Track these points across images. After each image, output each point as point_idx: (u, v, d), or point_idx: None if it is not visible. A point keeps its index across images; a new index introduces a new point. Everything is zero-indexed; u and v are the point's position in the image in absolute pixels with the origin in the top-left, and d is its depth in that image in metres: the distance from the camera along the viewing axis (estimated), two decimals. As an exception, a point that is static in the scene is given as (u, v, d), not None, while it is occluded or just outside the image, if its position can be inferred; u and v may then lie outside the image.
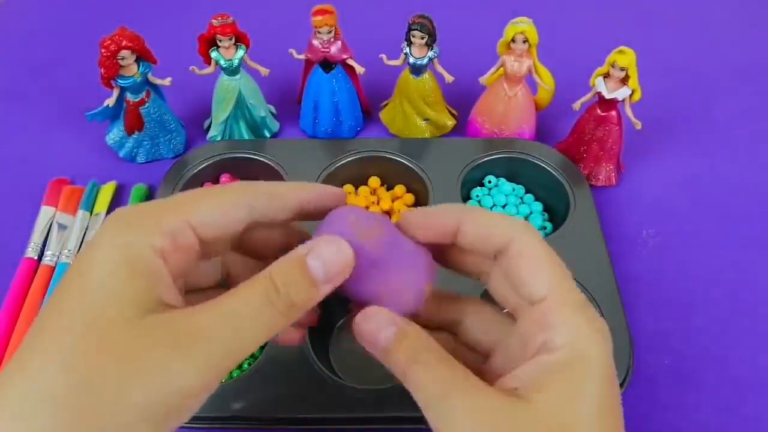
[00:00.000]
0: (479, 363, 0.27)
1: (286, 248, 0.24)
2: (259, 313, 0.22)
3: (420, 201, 0.52)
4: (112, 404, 0.19)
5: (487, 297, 0.28)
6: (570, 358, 0.22)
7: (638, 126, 0.51)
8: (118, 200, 0.53)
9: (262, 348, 0.41)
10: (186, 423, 0.22)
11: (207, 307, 0.22)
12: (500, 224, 0.25)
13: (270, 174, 0.52)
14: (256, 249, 0.28)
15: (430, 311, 0.28)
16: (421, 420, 0.23)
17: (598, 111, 0.51)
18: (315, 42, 0.53)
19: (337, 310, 0.45)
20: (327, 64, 0.54)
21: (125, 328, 0.20)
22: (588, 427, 0.21)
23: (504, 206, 0.52)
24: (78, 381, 0.19)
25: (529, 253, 0.24)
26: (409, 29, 0.51)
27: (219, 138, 0.56)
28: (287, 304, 0.22)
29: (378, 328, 0.24)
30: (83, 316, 0.20)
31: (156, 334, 0.20)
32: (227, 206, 0.24)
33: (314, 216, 0.27)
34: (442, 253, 0.27)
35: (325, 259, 0.23)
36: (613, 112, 0.51)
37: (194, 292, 0.26)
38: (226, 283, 0.28)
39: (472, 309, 0.28)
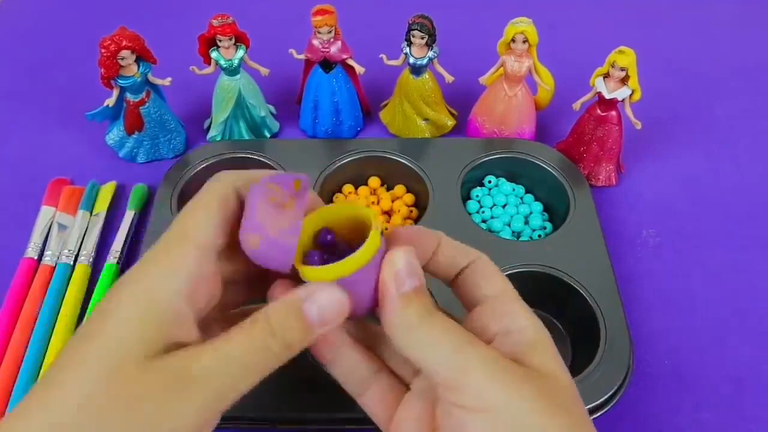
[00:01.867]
0: None
1: None
2: (255, 357, 0.23)
3: (420, 201, 0.52)
4: None
5: None
6: (535, 336, 0.26)
7: (638, 126, 0.51)
8: (118, 200, 0.53)
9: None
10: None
11: (206, 349, 0.23)
12: (468, 250, 0.29)
13: (270, 174, 0.52)
14: None
15: None
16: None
17: (598, 111, 0.51)
18: (315, 42, 0.53)
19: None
20: (327, 64, 0.54)
21: (134, 372, 0.22)
22: (568, 383, 0.25)
23: (504, 206, 0.52)
24: (89, 420, 0.21)
25: (484, 268, 0.28)
26: (409, 29, 0.51)
27: (219, 138, 0.56)
28: (283, 346, 0.24)
29: (404, 274, 0.25)
30: (98, 361, 0.22)
31: (158, 376, 0.22)
32: None
33: None
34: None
35: (320, 305, 0.24)
36: (613, 112, 0.51)
37: (232, 284, 0.27)
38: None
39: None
